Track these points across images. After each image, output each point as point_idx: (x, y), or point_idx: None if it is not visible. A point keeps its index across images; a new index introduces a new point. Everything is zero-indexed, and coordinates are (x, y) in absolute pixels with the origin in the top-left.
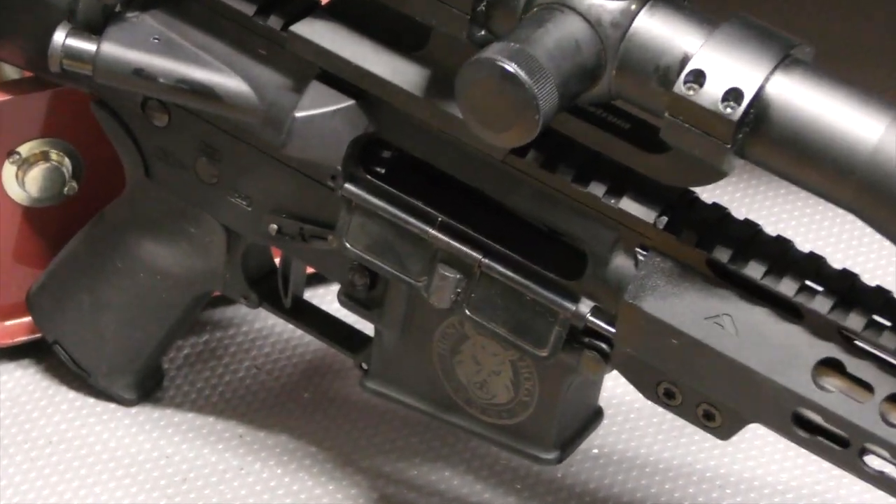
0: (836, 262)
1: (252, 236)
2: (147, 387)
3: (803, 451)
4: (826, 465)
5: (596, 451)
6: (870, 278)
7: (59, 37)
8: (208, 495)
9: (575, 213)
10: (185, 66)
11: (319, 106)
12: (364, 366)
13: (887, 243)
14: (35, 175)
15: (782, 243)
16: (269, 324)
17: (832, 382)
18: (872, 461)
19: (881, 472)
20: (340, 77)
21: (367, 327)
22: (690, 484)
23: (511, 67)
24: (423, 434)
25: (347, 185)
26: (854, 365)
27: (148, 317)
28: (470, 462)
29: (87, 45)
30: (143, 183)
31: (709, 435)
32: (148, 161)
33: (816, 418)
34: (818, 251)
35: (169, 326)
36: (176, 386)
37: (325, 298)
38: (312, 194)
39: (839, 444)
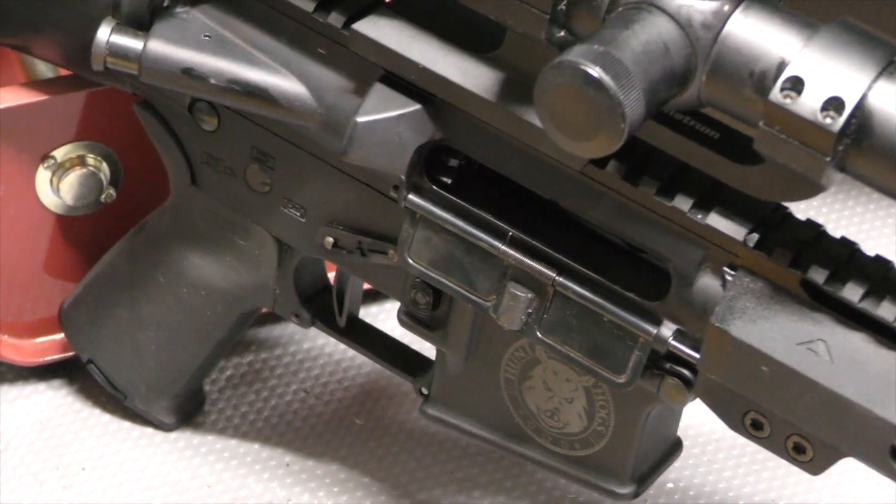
0: None
1: (306, 250)
2: (187, 410)
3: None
4: None
5: (671, 485)
6: None
7: (104, 33)
8: None
9: (658, 229)
10: (238, 65)
11: (383, 110)
12: (424, 391)
13: None
14: (71, 181)
15: (882, 263)
16: (318, 344)
17: None
18: None
19: None
20: (406, 79)
21: (427, 349)
22: None
23: (595, 72)
24: (484, 465)
25: (411, 196)
26: None
27: (191, 335)
28: (536, 496)
29: (133, 43)
30: (188, 191)
31: (794, 469)
32: (194, 167)
33: None
34: None
35: (213, 346)
36: (218, 410)
37: (380, 317)
38: (373, 205)
39: None
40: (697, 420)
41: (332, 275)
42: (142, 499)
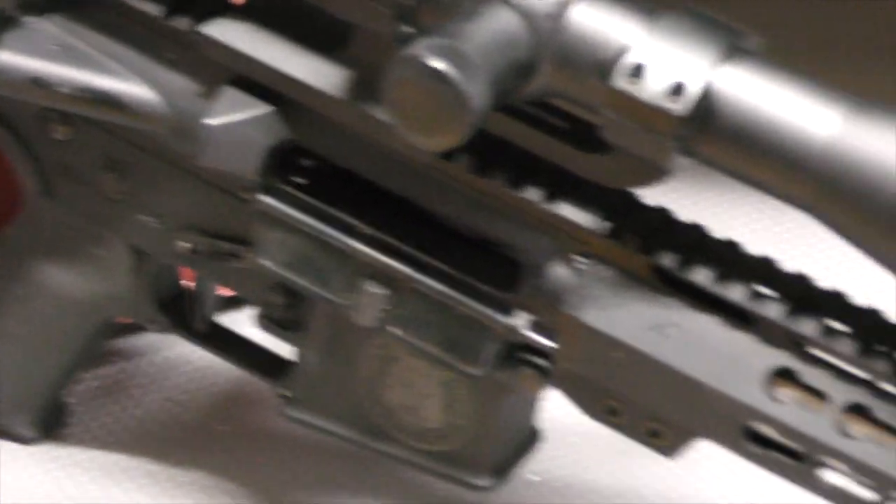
0: (789, 264)
1: (162, 256)
2: (49, 423)
3: (755, 470)
4: (779, 483)
5: (538, 478)
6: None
7: None
8: None
9: (509, 221)
10: (87, 73)
11: (233, 113)
12: (285, 393)
13: (844, 245)
14: None
15: (731, 247)
16: (181, 352)
17: (785, 393)
18: (828, 475)
19: (837, 488)
20: (256, 81)
21: (288, 352)
22: None
23: (439, 64)
24: (350, 466)
25: (264, 198)
26: (809, 374)
27: (49, 347)
28: (401, 494)
29: None
30: (41, 202)
31: (656, 458)
32: (48, 178)
33: (769, 431)
34: (769, 254)
35: (72, 357)
36: (81, 422)
37: (244, 324)
38: (227, 209)
39: (793, 458)
40: (560, 413)
41: (189, 281)
42: None
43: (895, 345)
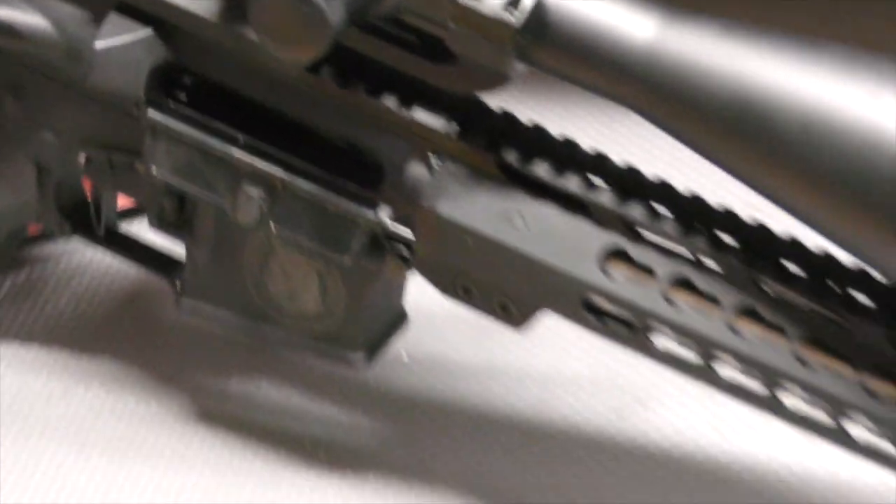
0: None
1: (62, 169)
2: None
3: (599, 344)
4: (619, 354)
5: (407, 358)
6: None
7: None
8: (33, 419)
9: (371, 127)
10: None
11: (118, 36)
12: (179, 287)
13: (669, 140)
14: None
15: (569, 145)
16: (87, 257)
17: (618, 269)
18: (659, 340)
19: (668, 351)
20: (139, 8)
21: (181, 252)
22: (495, 383)
23: None
24: (242, 352)
25: (150, 113)
26: (637, 252)
27: None
28: (287, 374)
29: None
30: None
31: (511, 336)
32: None
33: (605, 304)
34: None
35: None
36: None
37: (143, 230)
38: (119, 124)
39: (627, 327)
40: (426, 300)
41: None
42: None
43: (711, 224)
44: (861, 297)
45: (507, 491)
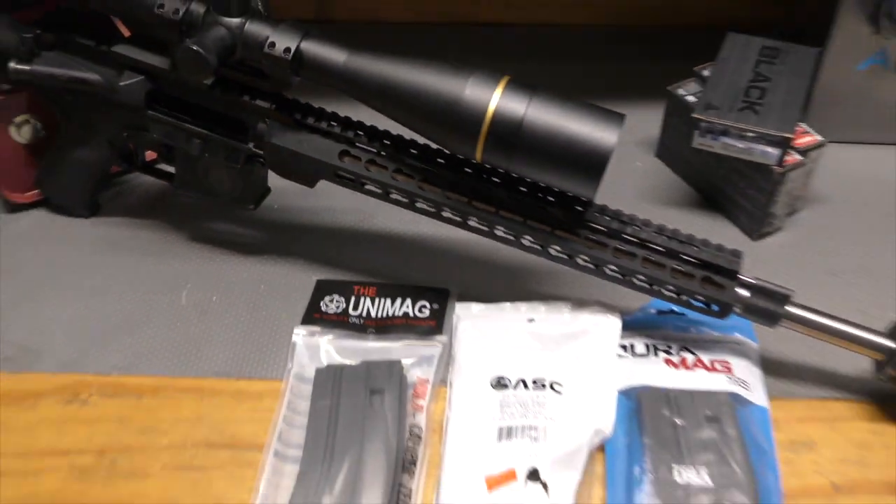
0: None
1: (118, 140)
2: None
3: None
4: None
5: (277, 206)
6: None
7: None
8: (122, 248)
9: (240, 109)
10: None
11: (130, 80)
12: (175, 184)
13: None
14: (25, 130)
15: (321, 110)
16: (139, 179)
17: (346, 158)
18: (393, 195)
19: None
20: (136, 66)
21: (173, 171)
22: (321, 216)
23: (197, 48)
24: (208, 212)
25: (149, 113)
26: (356, 152)
27: None
28: (231, 217)
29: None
30: None
31: (317, 190)
32: None
33: (345, 174)
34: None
35: None
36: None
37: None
38: (134, 118)
39: (357, 183)
40: (277, 179)
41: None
42: None
43: (387, 138)
44: (440, 158)
45: (344, 267)
